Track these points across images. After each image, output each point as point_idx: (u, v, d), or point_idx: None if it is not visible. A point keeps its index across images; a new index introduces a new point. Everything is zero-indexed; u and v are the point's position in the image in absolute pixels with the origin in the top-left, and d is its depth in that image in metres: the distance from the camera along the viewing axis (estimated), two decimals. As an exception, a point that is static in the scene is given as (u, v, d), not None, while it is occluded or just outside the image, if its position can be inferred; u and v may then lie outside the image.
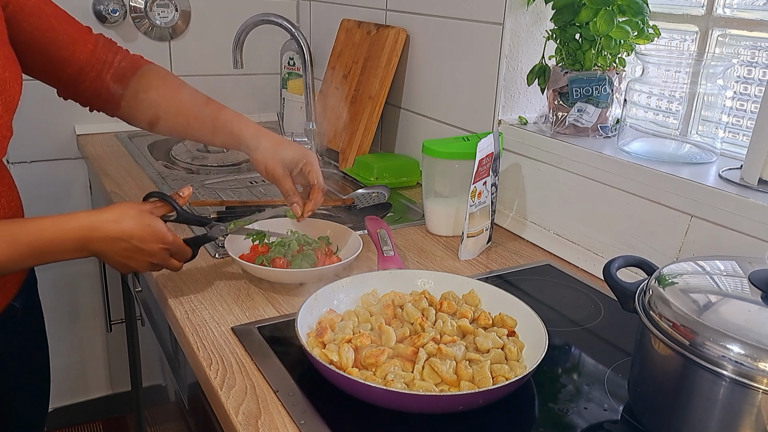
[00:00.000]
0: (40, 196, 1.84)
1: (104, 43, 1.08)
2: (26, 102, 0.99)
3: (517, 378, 0.73)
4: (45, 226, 0.82)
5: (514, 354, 0.80)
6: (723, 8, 1.09)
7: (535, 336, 0.82)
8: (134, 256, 0.88)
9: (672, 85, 1.09)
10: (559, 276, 1.12)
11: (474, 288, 0.93)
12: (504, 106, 1.32)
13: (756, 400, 0.61)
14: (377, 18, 1.70)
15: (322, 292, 0.90)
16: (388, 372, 0.75)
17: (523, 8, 1.26)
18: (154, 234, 0.88)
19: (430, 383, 0.75)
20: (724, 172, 0.99)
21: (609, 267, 0.80)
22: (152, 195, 0.95)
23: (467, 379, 0.76)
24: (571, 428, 0.75)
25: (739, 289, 0.72)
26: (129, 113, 1.11)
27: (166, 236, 0.90)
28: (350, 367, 0.76)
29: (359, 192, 1.49)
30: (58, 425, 2.18)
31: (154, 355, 1.39)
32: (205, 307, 0.97)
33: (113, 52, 1.09)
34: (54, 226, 0.83)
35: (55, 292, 2.01)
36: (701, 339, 0.63)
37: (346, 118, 1.68)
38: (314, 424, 0.73)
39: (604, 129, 1.20)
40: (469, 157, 1.10)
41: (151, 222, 0.88)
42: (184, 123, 1.07)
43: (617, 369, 0.85)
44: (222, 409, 0.77)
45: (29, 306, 1.10)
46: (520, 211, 1.30)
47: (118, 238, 0.85)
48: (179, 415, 1.23)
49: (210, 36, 1.99)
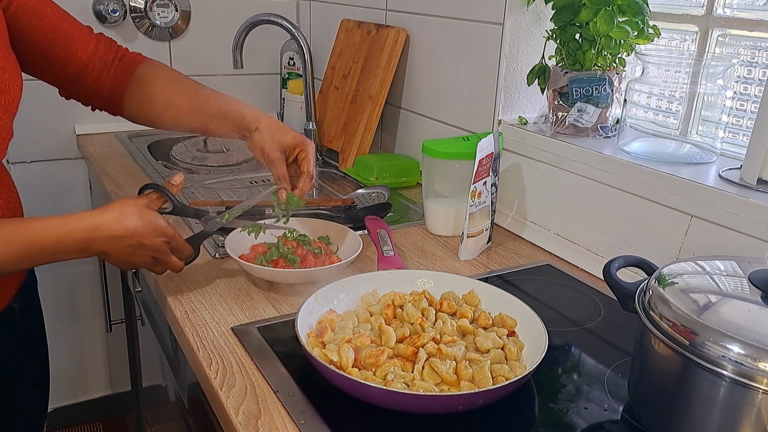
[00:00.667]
0: (40, 196, 1.85)
1: (105, 43, 1.09)
2: (26, 102, 0.99)
3: (517, 378, 0.73)
4: (48, 226, 0.82)
5: (514, 354, 0.80)
6: (723, 8, 1.09)
7: (535, 336, 0.82)
8: (136, 252, 0.88)
9: (672, 85, 1.09)
10: (559, 276, 1.12)
11: (474, 288, 0.93)
12: (504, 106, 1.32)
13: (756, 400, 0.61)
14: (377, 18, 1.71)
15: (322, 292, 0.90)
16: (388, 372, 0.75)
17: (523, 8, 1.26)
18: (155, 229, 0.88)
19: (430, 383, 0.74)
20: (724, 172, 0.99)
21: (609, 267, 0.80)
22: (147, 187, 0.95)
23: (467, 379, 0.76)
24: (571, 428, 0.75)
25: (739, 289, 0.72)
26: (131, 110, 1.11)
27: (167, 230, 0.90)
28: (350, 367, 0.76)
29: (359, 192, 1.49)
30: (58, 425, 2.18)
31: (154, 355, 1.39)
32: (205, 307, 0.97)
33: (113, 51, 1.09)
34: (57, 227, 0.83)
35: (55, 292, 2.01)
36: (701, 339, 0.63)
37: (346, 118, 1.69)
38: (314, 424, 0.73)
39: (604, 129, 1.20)
40: (469, 157, 1.10)
41: (152, 218, 0.89)
42: (186, 114, 1.07)
43: (617, 369, 0.85)
44: (222, 409, 0.77)
45: (28, 307, 1.10)
46: (520, 211, 1.30)
47: (120, 237, 0.86)
48: (179, 415, 1.23)
49: (210, 36, 1.99)
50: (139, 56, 1.13)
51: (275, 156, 1.02)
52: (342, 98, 1.73)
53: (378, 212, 1.31)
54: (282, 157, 1.03)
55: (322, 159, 1.75)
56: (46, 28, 0.99)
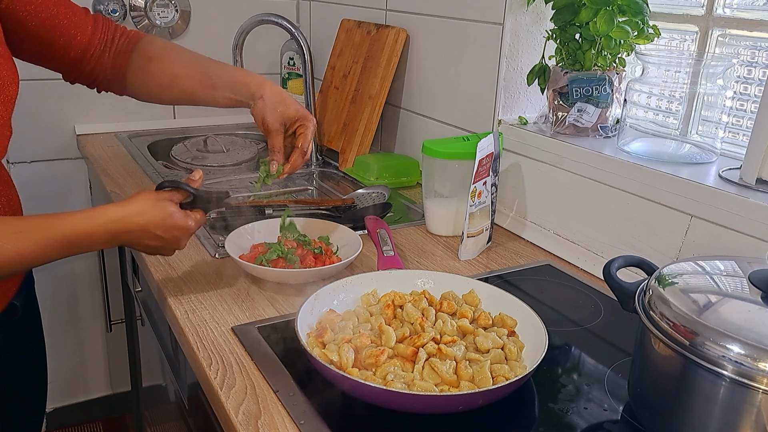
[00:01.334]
0: (40, 195, 1.84)
1: (103, 23, 1.08)
2: (26, 102, 0.99)
3: (517, 378, 0.73)
4: (78, 220, 0.85)
5: (514, 354, 0.80)
6: (723, 8, 1.09)
7: (535, 336, 0.82)
8: (160, 244, 0.93)
9: (672, 85, 1.09)
10: (559, 276, 1.12)
11: (474, 288, 0.93)
12: (504, 106, 1.32)
13: (756, 400, 0.61)
14: (377, 18, 1.71)
15: (322, 292, 0.90)
16: (388, 372, 0.75)
17: (523, 8, 1.26)
18: (176, 225, 0.92)
19: (430, 383, 0.74)
20: (724, 172, 0.99)
21: (609, 267, 0.80)
22: (165, 184, 0.95)
23: (467, 379, 0.76)
24: (571, 428, 0.75)
25: (739, 289, 0.72)
26: (135, 88, 1.11)
27: (190, 227, 0.93)
28: (350, 367, 0.76)
29: (359, 192, 1.49)
30: (58, 425, 2.18)
31: (154, 355, 1.39)
32: (205, 307, 0.97)
33: (112, 30, 1.09)
34: (86, 221, 0.86)
35: (55, 292, 2.01)
36: (701, 339, 0.63)
37: (345, 118, 1.69)
38: (314, 424, 0.73)
39: (604, 129, 1.20)
40: (469, 157, 1.10)
41: (173, 212, 0.91)
42: (191, 87, 1.07)
43: (617, 369, 0.85)
44: (222, 409, 0.77)
45: (29, 305, 1.11)
46: (520, 211, 1.30)
47: (144, 230, 0.89)
48: (179, 415, 1.23)
49: (210, 36, 1.99)
50: (138, 33, 1.12)
51: (275, 127, 1.01)
52: (342, 98, 1.73)
53: (378, 212, 1.31)
54: (281, 129, 1.02)
55: (322, 159, 1.75)
56: (44, 14, 0.99)
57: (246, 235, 1.13)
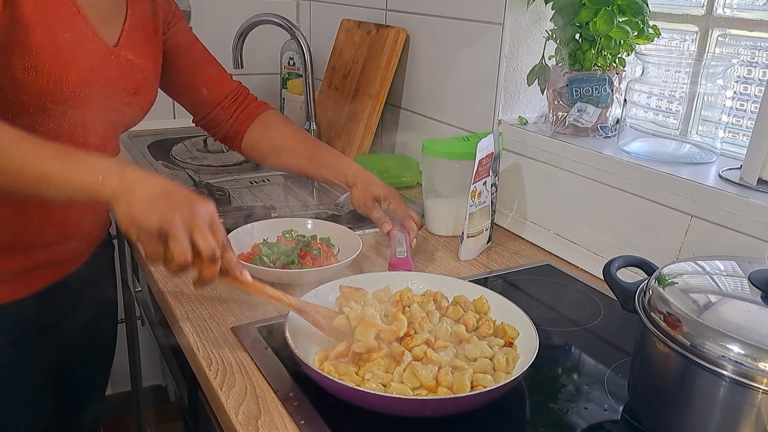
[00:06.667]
0: (40, 196, 1.84)
1: (241, 90, 1.27)
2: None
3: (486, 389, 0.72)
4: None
5: (503, 365, 0.78)
6: (723, 8, 1.09)
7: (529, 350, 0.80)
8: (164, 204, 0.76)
9: (672, 85, 1.09)
10: (559, 276, 1.12)
11: (484, 295, 0.91)
12: (504, 106, 1.32)
13: (756, 400, 0.61)
14: (377, 18, 1.70)
15: (322, 290, 0.90)
16: (369, 371, 0.75)
17: (523, 8, 1.26)
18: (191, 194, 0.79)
19: (406, 386, 0.74)
20: (724, 172, 0.99)
21: (609, 267, 0.80)
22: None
23: (446, 385, 0.74)
24: (571, 428, 0.75)
25: (739, 289, 0.72)
26: (248, 146, 1.26)
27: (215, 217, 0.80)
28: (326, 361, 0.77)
29: (359, 192, 1.49)
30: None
31: (154, 355, 1.39)
32: (205, 307, 0.97)
33: (244, 94, 1.27)
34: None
35: (55, 292, 2.00)
36: (701, 339, 0.63)
37: (345, 118, 1.69)
38: (314, 424, 0.73)
39: (604, 129, 1.20)
40: (469, 157, 1.10)
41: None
42: (298, 159, 1.23)
43: (617, 369, 0.85)
44: (222, 409, 0.77)
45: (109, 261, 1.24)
46: (520, 211, 1.30)
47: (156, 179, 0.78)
48: (179, 415, 1.23)
49: (210, 36, 1.98)
50: (264, 104, 1.29)
51: (370, 205, 1.16)
52: (342, 98, 1.73)
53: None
54: (375, 205, 1.16)
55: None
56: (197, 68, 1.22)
57: (246, 235, 1.13)
